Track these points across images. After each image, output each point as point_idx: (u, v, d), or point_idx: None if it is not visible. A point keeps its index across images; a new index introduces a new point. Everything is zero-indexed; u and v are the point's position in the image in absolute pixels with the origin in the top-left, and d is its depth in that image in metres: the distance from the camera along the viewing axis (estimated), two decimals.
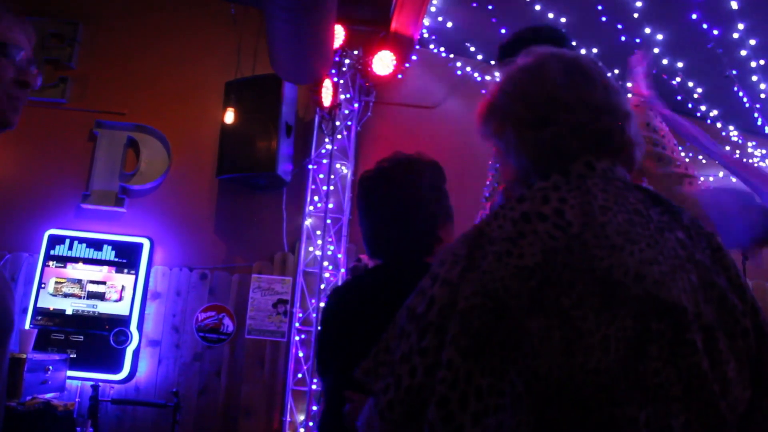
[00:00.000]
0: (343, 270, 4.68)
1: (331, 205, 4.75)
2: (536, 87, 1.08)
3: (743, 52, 4.13)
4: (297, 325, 4.65)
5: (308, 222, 4.84)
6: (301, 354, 4.62)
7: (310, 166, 4.93)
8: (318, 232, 4.77)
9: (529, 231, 0.91)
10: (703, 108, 4.77)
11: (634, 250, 0.90)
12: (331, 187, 4.76)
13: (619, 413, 0.81)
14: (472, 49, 4.95)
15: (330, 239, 4.75)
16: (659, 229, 0.95)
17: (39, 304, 4.49)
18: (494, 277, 0.88)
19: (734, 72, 4.28)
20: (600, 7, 4.06)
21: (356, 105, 5.02)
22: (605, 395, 0.81)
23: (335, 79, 4.80)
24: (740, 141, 5.05)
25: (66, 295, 4.53)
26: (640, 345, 0.84)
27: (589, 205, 0.94)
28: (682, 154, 2.18)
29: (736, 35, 3.98)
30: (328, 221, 4.70)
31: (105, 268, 4.60)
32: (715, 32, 3.95)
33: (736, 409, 0.90)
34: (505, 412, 0.81)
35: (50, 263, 4.59)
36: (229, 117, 4.71)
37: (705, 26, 3.93)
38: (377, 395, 0.95)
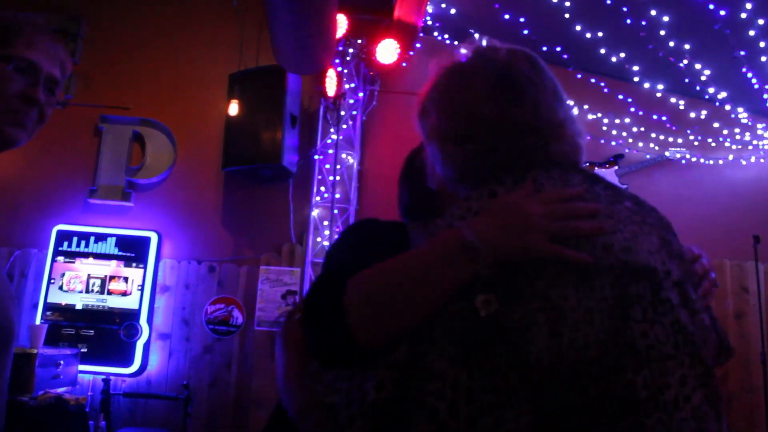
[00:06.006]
0: None
1: (338, 195, 4.74)
2: (462, 100, 1.07)
3: (752, 32, 4.07)
4: None
5: (315, 213, 4.83)
6: None
7: (316, 157, 4.91)
8: (325, 223, 4.77)
9: None
10: (711, 90, 4.72)
11: None
12: (338, 177, 4.75)
13: (615, 381, 0.81)
14: (477, 35, 4.91)
15: (337, 229, 4.74)
16: (610, 201, 0.96)
17: (49, 300, 4.52)
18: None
19: (743, 53, 4.23)
20: None
21: (361, 94, 5.00)
22: (598, 367, 0.81)
23: (339, 69, 4.77)
24: (750, 123, 5.00)
25: (75, 290, 4.55)
26: (623, 310, 0.85)
27: (539, 192, 0.95)
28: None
29: (743, 15, 3.93)
30: (335, 211, 4.69)
31: (113, 262, 4.61)
32: (722, 12, 3.90)
33: (713, 356, 0.93)
34: (501, 408, 0.81)
35: (59, 258, 4.61)
36: (234, 109, 4.71)
37: (711, 6, 3.88)
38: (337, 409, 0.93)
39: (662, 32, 4.20)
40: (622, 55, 4.59)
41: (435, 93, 1.13)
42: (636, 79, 4.82)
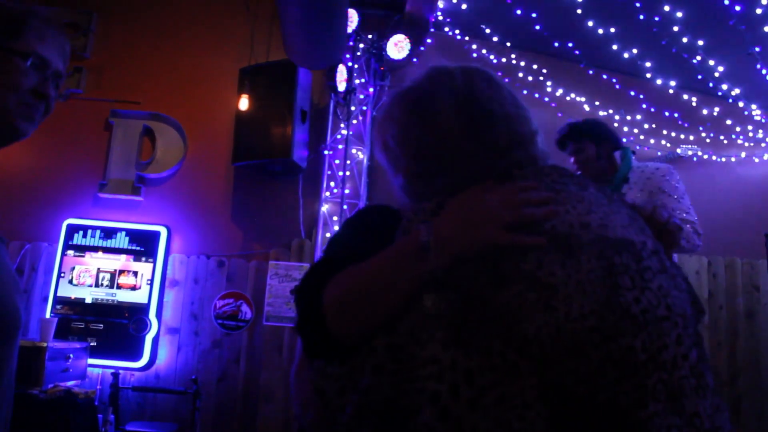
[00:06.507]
0: None
1: (347, 191, 4.72)
2: (429, 139, 1.08)
3: (767, 29, 4.03)
4: None
5: (325, 208, 4.83)
6: None
7: (326, 152, 4.90)
8: (335, 218, 4.76)
9: None
10: (724, 87, 4.67)
11: (568, 209, 0.95)
12: (347, 173, 4.73)
13: (615, 346, 0.84)
14: (488, 30, 4.89)
15: None
16: (579, 188, 1.01)
17: (59, 293, 4.53)
18: (449, 269, 0.92)
19: (757, 49, 4.18)
20: None
21: (371, 89, 4.98)
22: (598, 334, 0.84)
23: (350, 64, 4.75)
24: (763, 120, 4.95)
25: (85, 284, 4.56)
26: (612, 279, 0.88)
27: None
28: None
29: (759, 11, 3.89)
30: (345, 207, 4.68)
31: (123, 256, 4.62)
32: (738, 8, 3.86)
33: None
34: (502, 386, 0.83)
35: (69, 252, 4.62)
36: (244, 104, 4.70)
37: (726, 2, 3.84)
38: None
39: (675, 28, 4.17)
40: (635, 51, 4.56)
41: (395, 130, 1.13)
42: (648, 75, 4.78)
